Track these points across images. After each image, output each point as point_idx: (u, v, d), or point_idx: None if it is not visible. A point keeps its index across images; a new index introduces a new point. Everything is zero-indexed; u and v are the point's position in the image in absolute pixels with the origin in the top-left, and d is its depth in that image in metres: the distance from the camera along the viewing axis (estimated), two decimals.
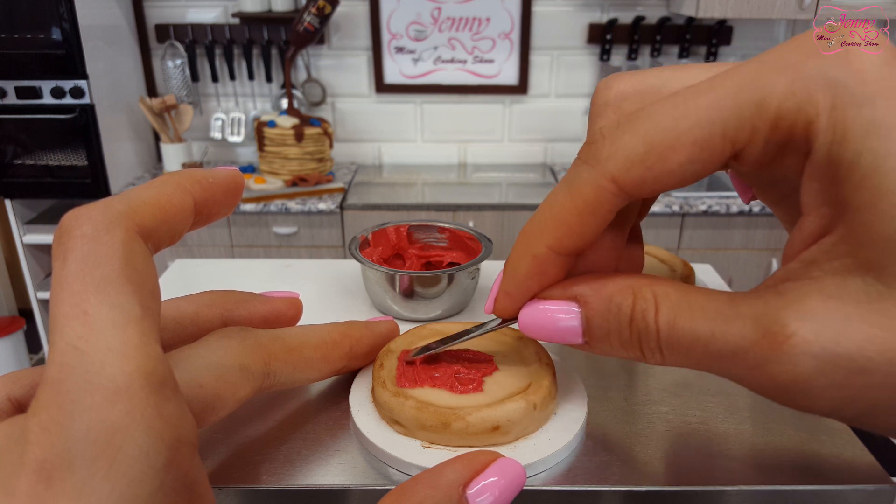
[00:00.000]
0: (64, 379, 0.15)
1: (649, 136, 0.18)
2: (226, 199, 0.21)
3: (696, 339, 0.18)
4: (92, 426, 0.14)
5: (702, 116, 0.18)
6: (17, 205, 1.93)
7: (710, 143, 0.18)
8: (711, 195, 1.86)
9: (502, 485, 0.20)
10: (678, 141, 0.18)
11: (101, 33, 1.88)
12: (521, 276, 0.22)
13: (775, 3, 1.80)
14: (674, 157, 0.18)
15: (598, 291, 0.21)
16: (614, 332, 0.20)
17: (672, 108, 0.18)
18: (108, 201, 0.18)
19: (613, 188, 0.19)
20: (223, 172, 0.22)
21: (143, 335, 0.16)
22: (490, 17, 2.08)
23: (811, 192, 0.18)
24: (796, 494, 0.25)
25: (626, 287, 0.20)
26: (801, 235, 0.18)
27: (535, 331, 0.22)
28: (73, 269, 0.16)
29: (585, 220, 0.20)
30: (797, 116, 0.17)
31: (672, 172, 0.18)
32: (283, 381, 0.25)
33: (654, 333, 0.19)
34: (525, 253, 0.22)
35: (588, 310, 0.21)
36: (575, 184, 0.20)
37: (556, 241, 0.21)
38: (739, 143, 0.18)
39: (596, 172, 0.19)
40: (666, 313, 0.19)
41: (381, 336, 0.31)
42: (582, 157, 0.20)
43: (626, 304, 0.20)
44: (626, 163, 0.19)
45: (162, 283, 0.48)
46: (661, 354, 0.19)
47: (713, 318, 0.18)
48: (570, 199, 0.20)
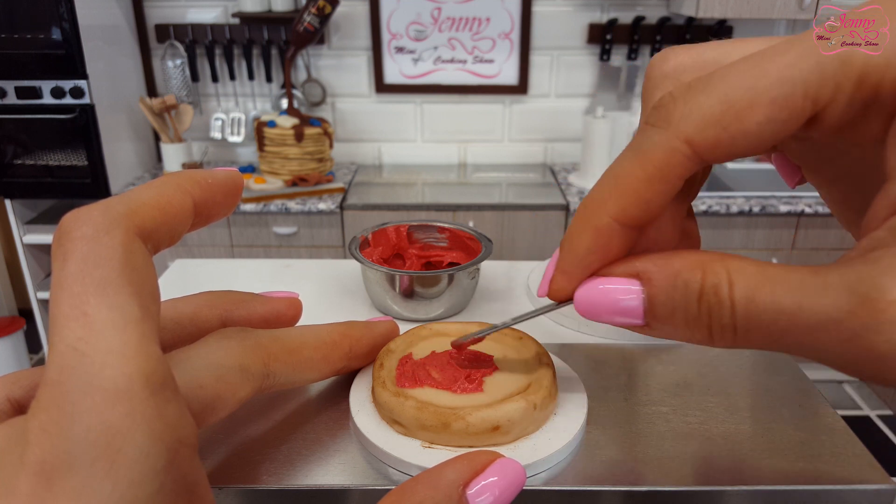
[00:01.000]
0: (64, 380, 0.15)
1: (726, 95, 0.17)
2: (225, 200, 0.21)
3: (780, 313, 0.17)
4: (92, 427, 0.14)
5: (782, 74, 0.17)
6: (17, 205, 1.93)
7: (791, 101, 0.17)
8: (711, 195, 1.86)
9: (502, 485, 0.20)
10: (757, 99, 0.17)
11: (101, 33, 1.88)
12: (581, 251, 0.20)
13: (775, 3, 1.79)
14: (752, 116, 0.17)
15: (664, 267, 0.19)
16: (680, 309, 0.19)
17: (749, 68, 0.17)
18: (107, 202, 0.18)
19: (687, 151, 0.18)
20: (222, 173, 0.21)
21: (142, 336, 0.16)
22: (490, 17, 2.08)
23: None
24: (796, 494, 0.25)
25: (695, 262, 0.19)
26: (886, 202, 0.17)
27: (592, 311, 0.21)
28: (72, 271, 0.16)
29: (655, 186, 0.19)
30: (885, 72, 0.16)
31: (749, 133, 0.17)
32: (282, 382, 0.25)
33: (729, 309, 0.18)
34: (586, 225, 0.20)
35: (651, 287, 0.19)
36: (644, 148, 0.19)
37: (622, 211, 0.19)
38: (822, 102, 0.17)
39: (668, 134, 0.18)
40: (743, 287, 0.17)
41: (381, 336, 0.31)
42: (650, 121, 0.19)
43: (694, 279, 0.18)
44: (701, 123, 0.18)
45: (162, 283, 0.48)
46: (734, 333, 0.18)
47: (798, 289, 0.17)
48: (639, 164, 0.19)
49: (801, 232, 1.86)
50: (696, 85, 0.18)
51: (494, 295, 0.47)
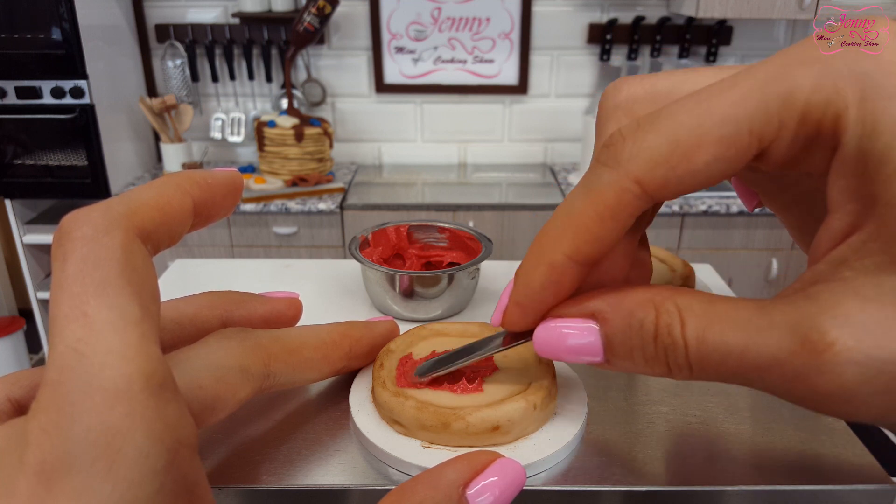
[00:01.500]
0: (63, 381, 0.15)
1: (673, 134, 0.18)
2: (225, 201, 0.21)
3: (728, 353, 0.17)
4: (92, 428, 0.14)
5: (727, 113, 0.17)
6: (17, 205, 1.93)
7: (737, 140, 0.17)
8: (711, 195, 1.86)
9: (502, 485, 0.20)
10: (704, 139, 0.17)
11: (101, 33, 1.88)
12: (536, 286, 0.21)
13: (775, 3, 1.79)
14: (700, 156, 0.17)
15: (617, 307, 0.20)
16: (637, 349, 0.19)
17: (695, 106, 0.18)
18: (107, 203, 0.18)
19: (637, 190, 0.18)
20: (222, 173, 0.21)
21: (142, 337, 0.16)
22: (490, 17, 2.08)
23: (838, 188, 0.17)
24: (796, 494, 0.25)
25: (647, 301, 0.19)
26: (828, 234, 0.18)
27: (552, 351, 0.22)
28: (72, 271, 0.16)
29: (606, 224, 0.19)
30: (826, 110, 0.16)
31: (697, 172, 0.18)
32: (283, 382, 0.25)
33: (682, 349, 0.18)
34: (540, 261, 0.21)
35: (608, 327, 0.20)
36: (595, 187, 0.19)
37: (575, 249, 0.20)
38: (766, 140, 0.17)
39: (618, 174, 0.18)
40: (693, 327, 0.18)
41: (381, 336, 0.31)
42: (600, 160, 0.19)
43: (648, 320, 0.19)
44: (649, 163, 0.18)
45: (162, 283, 0.48)
46: (690, 370, 0.18)
47: (744, 329, 0.17)
48: (591, 203, 0.19)
49: None
50: (644, 124, 0.18)
51: (494, 295, 0.47)
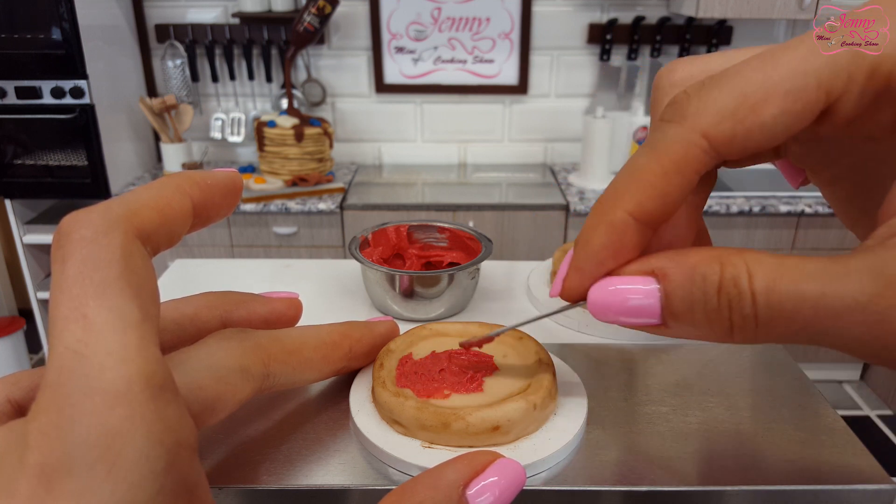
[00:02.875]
0: (63, 383, 0.15)
1: (741, 89, 0.18)
2: (224, 201, 0.21)
3: (803, 300, 0.16)
4: (91, 430, 0.14)
5: (795, 67, 0.17)
6: (17, 205, 1.93)
7: (805, 93, 0.17)
8: (711, 195, 1.85)
9: (502, 485, 0.20)
10: (771, 92, 0.17)
11: (101, 33, 1.88)
12: (595, 247, 0.20)
13: (775, 3, 1.79)
14: (767, 108, 0.17)
15: (680, 263, 0.19)
16: (699, 304, 0.18)
17: (762, 63, 0.18)
18: (107, 204, 0.18)
19: (704, 144, 0.18)
20: (222, 174, 0.21)
21: (142, 338, 0.16)
22: (490, 17, 2.08)
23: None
24: (796, 494, 0.25)
25: (712, 256, 0.18)
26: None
27: (606, 312, 0.20)
28: (71, 273, 0.16)
29: (671, 180, 0.18)
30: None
31: (764, 126, 0.18)
32: (283, 383, 0.25)
33: (750, 299, 0.17)
34: (601, 221, 0.20)
35: (668, 283, 0.19)
36: (660, 143, 0.19)
37: (638, 206, 0.19)
38: (834, 93, 0.17)
39: (684, 128, 0.18)
40: (763, 277, 0.17)
41: (381, 336, 0.31)
42: (665, 118, 0.19)
43: (713, 271, 0.18)
44: (716, 117, 0.18)
45: (162, 283, 0.48)
46: (755, 325, 0.17)
47: (820, 276, 0.17)
48: (656, 159, 0.19)
49: (801, 232, 1.86)
50: (710, 82, 0.18)
51: (494, 295, 0.47)
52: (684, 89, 0.19)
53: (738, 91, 0.18)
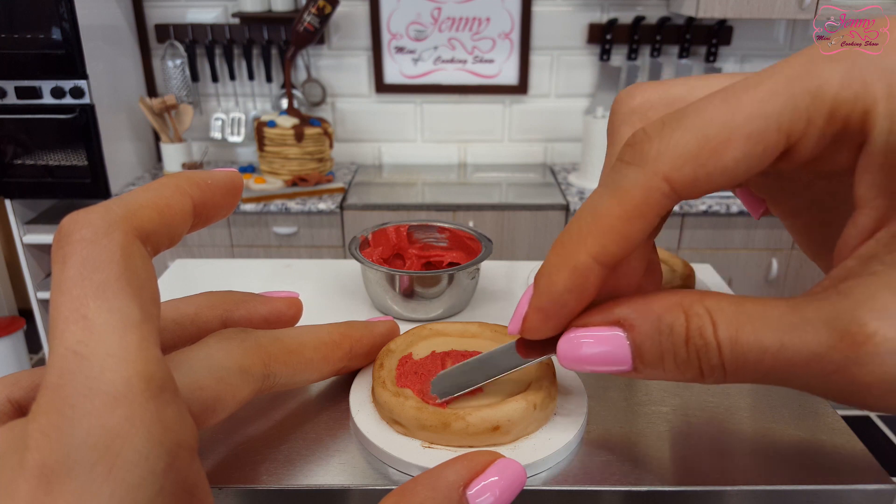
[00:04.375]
0: (64, 384, 0.15)
1: (702, 131, 0.17)
2: (224, 201, 0.21)
3: (764, 352, 0.17)
4: (92, 431, 0.14)
5: (756, 109, 0.17)
6: (17, 205, 1.93)
7: (766, 136, 0.17)
8: (712, 195, 1.85)
9: (502, 485, 0.20)
10: (733, 135, 0.17)
11: (101, 33, 1.88)
12: (559, 289, 0.20)
13: (775, 3, 1.79)
14: (728, 152, 0.17)
15: (645, 312, 0.19)
16: (668, 354, 0.19)
17: (723, 103, 0.17)
18: (106, 205, 0.18)
19: (665, 188, 0.18)
20: (222, 174, 0.21)
21: (142, 339, 0.16)
22: (490, 17, 2.08)
23: (866, 183, 0.17)
24: (796, 494, 0.25)
25: (675, 304, 0.19)
26: (855, 231, 0.18)
27: (578, 363, 0.21)
28: (72, 274, 0.16)
29: (634, 224, 0.19)
30: (854, 106, 0.16)
31: (726, 169, 0.18)
32: (282, 383, 0.25)
33: (716, 350, 0.18)
34: (564, 264, 0.20)
35: (636, 333, 0.19)
36: (621, 186, 0.19)
37: (601, 250, 0.19)
38: (795, 136, 0.17)
39: (645, 172, 0.18)
40: (725, 328, 0.18)
41: (381, 336, 0.31)
42: (625, 159, 0.19)
43: (678, 323, 0.19)
44: (678, 160, 0.18)
45: (162, 283, 0.48)
46: (724, 372, 0.18)
47: (778, 327, 0.17)
48: (617, 202, 0.19)
49: None
50: (670, 121, 0.18)
51: (494, 295, 0.47)
52: (643, 128, 0.19)
53: (699, 133, 0.18)
